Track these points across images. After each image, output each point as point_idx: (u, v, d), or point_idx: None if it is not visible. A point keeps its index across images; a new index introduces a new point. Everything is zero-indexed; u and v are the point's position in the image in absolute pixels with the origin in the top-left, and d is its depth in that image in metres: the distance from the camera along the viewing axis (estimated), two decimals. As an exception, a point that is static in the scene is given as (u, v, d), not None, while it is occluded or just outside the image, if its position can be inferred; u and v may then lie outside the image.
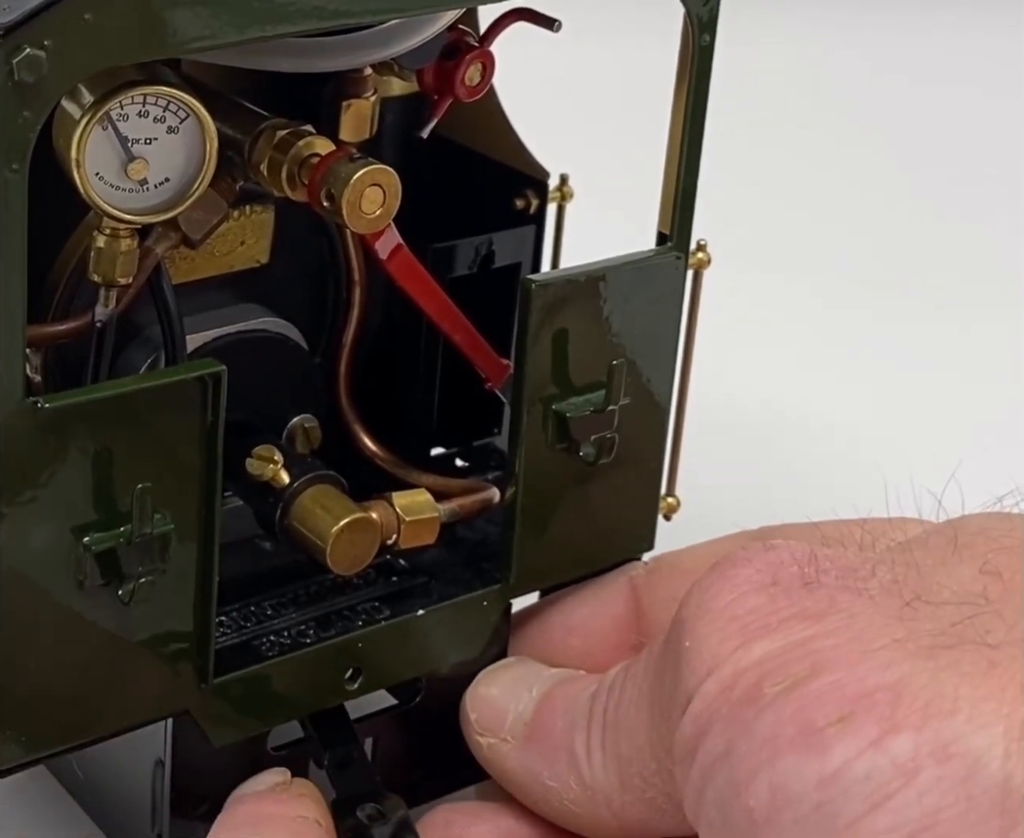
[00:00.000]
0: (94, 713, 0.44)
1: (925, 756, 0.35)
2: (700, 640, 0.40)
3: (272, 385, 0.51)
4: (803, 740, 0.37)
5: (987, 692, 0.36)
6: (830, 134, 1.08)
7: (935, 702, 0.36)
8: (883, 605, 0.39)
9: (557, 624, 0.52)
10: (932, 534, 0.42)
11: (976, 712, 0.35)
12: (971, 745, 0.35)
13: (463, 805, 0.49)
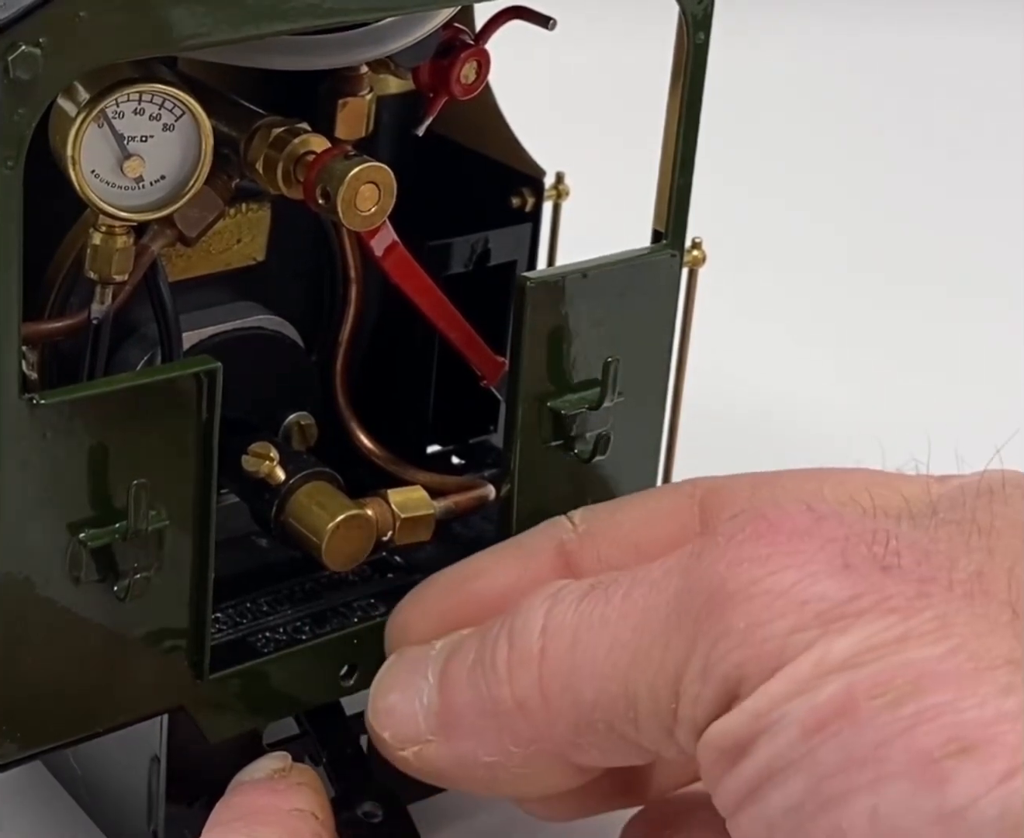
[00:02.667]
0: (90, 709, 0.44)
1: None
2: (761, 625, 0.36)
3: (268, 382, 0.51)
4: (918, 769, 0.34)
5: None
6: (825, 132, 1.08)
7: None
8: (984, 608, 0.36)
9: (478, 601, 0.46)
10: (979, 504, 0.39)
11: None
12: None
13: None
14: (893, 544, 0.37)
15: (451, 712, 0.43)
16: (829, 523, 0.38)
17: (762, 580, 0.37)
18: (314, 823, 0.44)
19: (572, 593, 0.41)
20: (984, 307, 0.88)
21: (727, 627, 0.37)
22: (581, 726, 0.40)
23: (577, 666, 0.40)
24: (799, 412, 0.77)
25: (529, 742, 0.41)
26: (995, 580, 0.36)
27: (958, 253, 0.94)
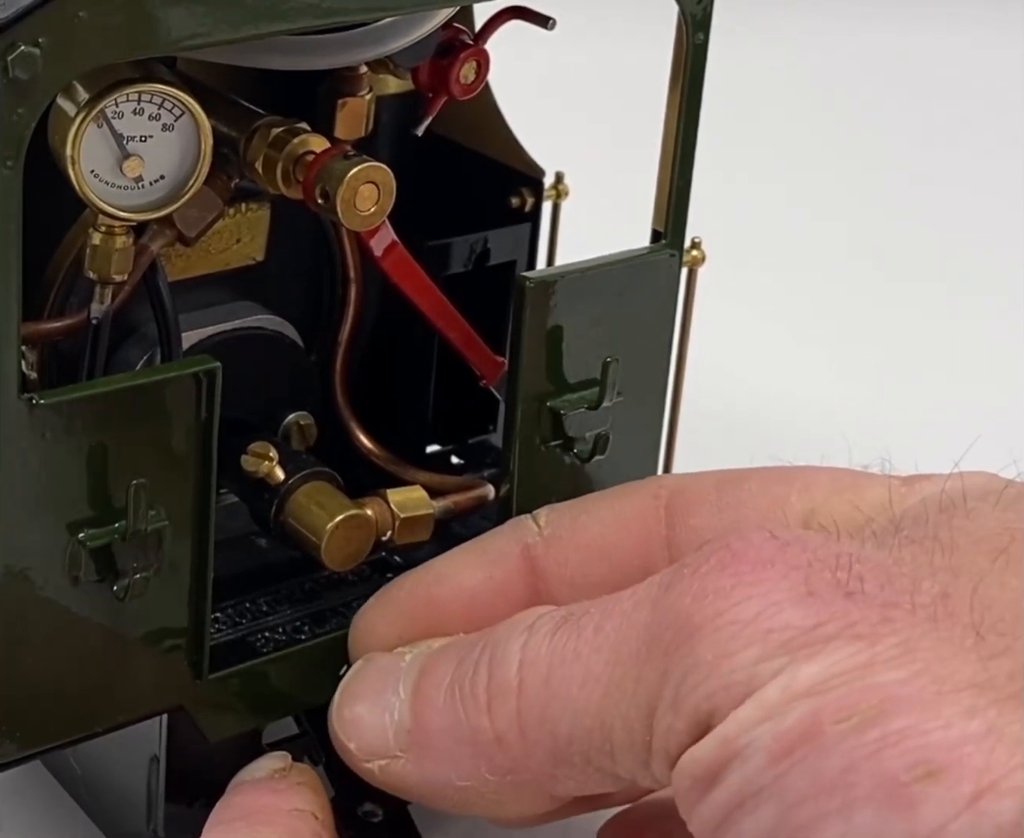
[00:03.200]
0: (89, 709, 0.44)
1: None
2: (728, 656, 0.37)
3: (268, 382, 0.51)
4: (885, 794, 0.34)
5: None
6: (825, 131, 1.08)
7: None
8: (947, 631, 0.35)
9: (442, 603, 0.46)
10: (942, 521, 0.39)
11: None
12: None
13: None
14: (856, 568, 0.37)
15: (424, 733, 0.43)
16: (792, 549, 0.38)
17: (727, 611, 0.37)
18: (314, 823, 0.44)
19: (546, 625, 0.41)
20: (984, 305, 0.88)
21: (696, 659, 0.37)
22: (558, 759, 0.40)
23: (552, 700, 0.40)
24: (798, 411, 0.77)
25: (506, 772, 0.41)
26: (959, 601, 0.36)
27: (958, 252, 0.94)
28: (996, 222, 0.98)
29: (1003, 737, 0.33)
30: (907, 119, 1.11)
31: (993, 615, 0.36)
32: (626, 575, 0.45)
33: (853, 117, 1.11)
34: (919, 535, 0.39)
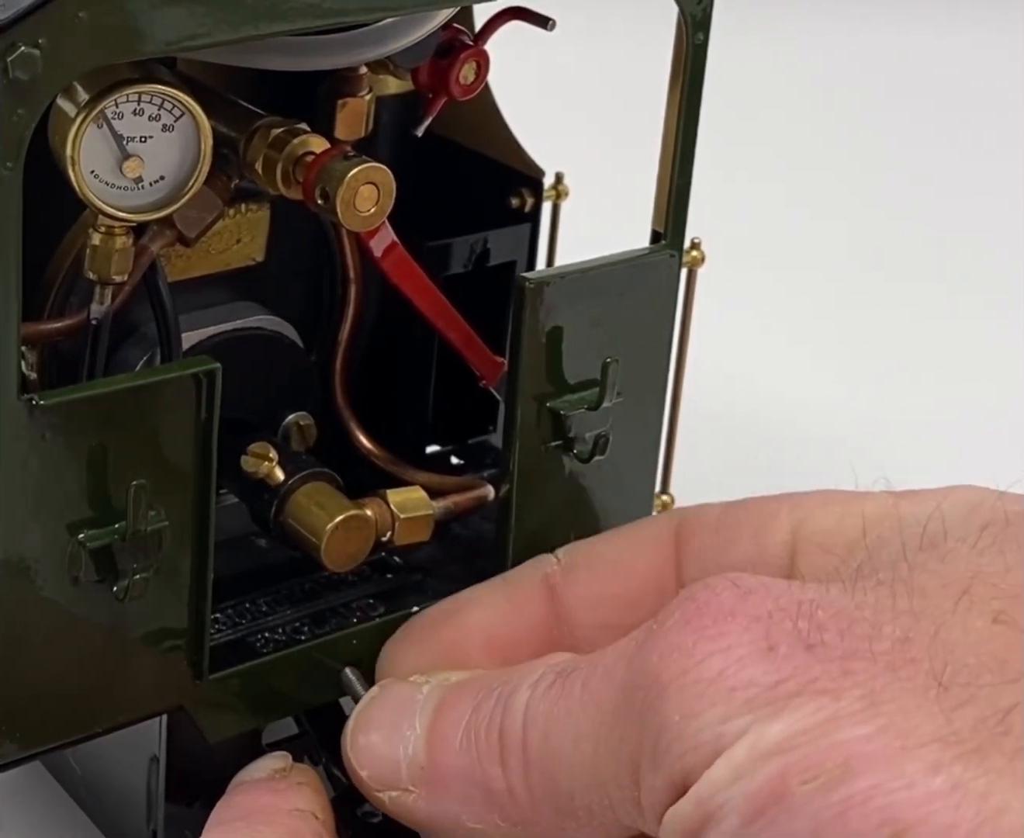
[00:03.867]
0: (89, 709, 0.44)
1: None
2: (695, 717, 0.37)
3: (267, 383, 0.51)
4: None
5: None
6: (825, 131, 1.08)
7: (1001, 816, 0.33)
8: (910, 681, 0.35)
9: (464, 633, 0.47)
10: (915, 561, 0.39)
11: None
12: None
13: None
14: (819, 616, 0.37)
15: (438, 772, 0.43)
16: (754, 598, 0.38)
17: (692, 670, 0.37)
18: (314, 823, 0.44)
19: (547, 680, 0.42)
20: (984, 306, 0.88)
21: (665, 720, 0.37)
22: (564, 813, 0.41)
23: (551, 757, 0.41)
24: (798, 411, 0.77)
25: (516, 823, 0.42)
26: (920, 647, 0.36)
27: (958, 252, 0.94)
28: (996, 222, 0.98)
29: (968, 793, 0.33)
30: (907, 119, 1.11)
31: (956, 661, 0.35)
32: (640, 593, 0.46)
33: (853, 117, 1.11)
34: (888, 577, 0.38)
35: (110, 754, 0.48)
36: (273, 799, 0.45)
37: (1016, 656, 0.35)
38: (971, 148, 1.08)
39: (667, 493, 0.57)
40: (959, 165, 1.05)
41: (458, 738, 0.43)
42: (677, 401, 0.56)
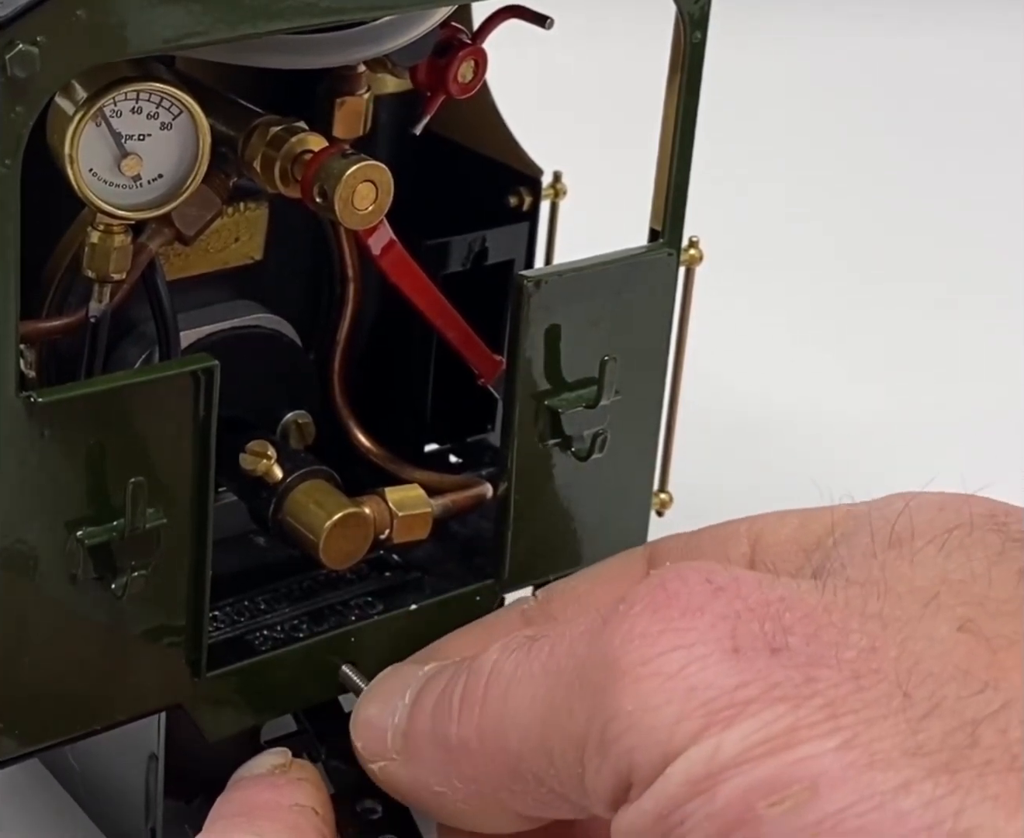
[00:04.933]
0: (88, 707, 0.44)
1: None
2: (649, 711, 0.36)
3: (266, 381, 0.51)
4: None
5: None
6: (823, 130, 1.08)
7: (975, 835, 0.32)
8: (873, 691, 0.35)
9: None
10: (885, 560, 0.38)
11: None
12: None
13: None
14: (786, 618, 0.36)
15: (414, 737, 0.44)
16: (724, 596, 0.37)
17: (652, 661, 0.37)
18: (314, 818, 0.44)
19: (516, 641, 0.42)
20: (984, 306, 0.88)
21: (617, 708, 0.37)
22: (512, 774, 0.41)
23: (507, 715, 0.41)
24: (796, 410, 0.77)
25: (470, 780, 0.42)
26: (885, 656, 0.35)
27: (958, 251, 0.94)
28: (997, 222, 0.98)
29: (940, 813, 0.33)
30: (906, 119, 1.11)
31: (920, 671, 0.35)
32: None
33: (851, 116, 1.11)
34: (861, 576, 0.38)
35: (109, 752, 0.48)
36: (273, 795, 0.45)
37: (979, 667, 0.35)
38: (971, 148, 1.08)
39: (665, 491, 0.57)
40: (959, 165, 1.05)
41: (431, 703, 0.43)
42: (675, 399, 0.56)
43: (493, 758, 0.41)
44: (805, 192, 0.99)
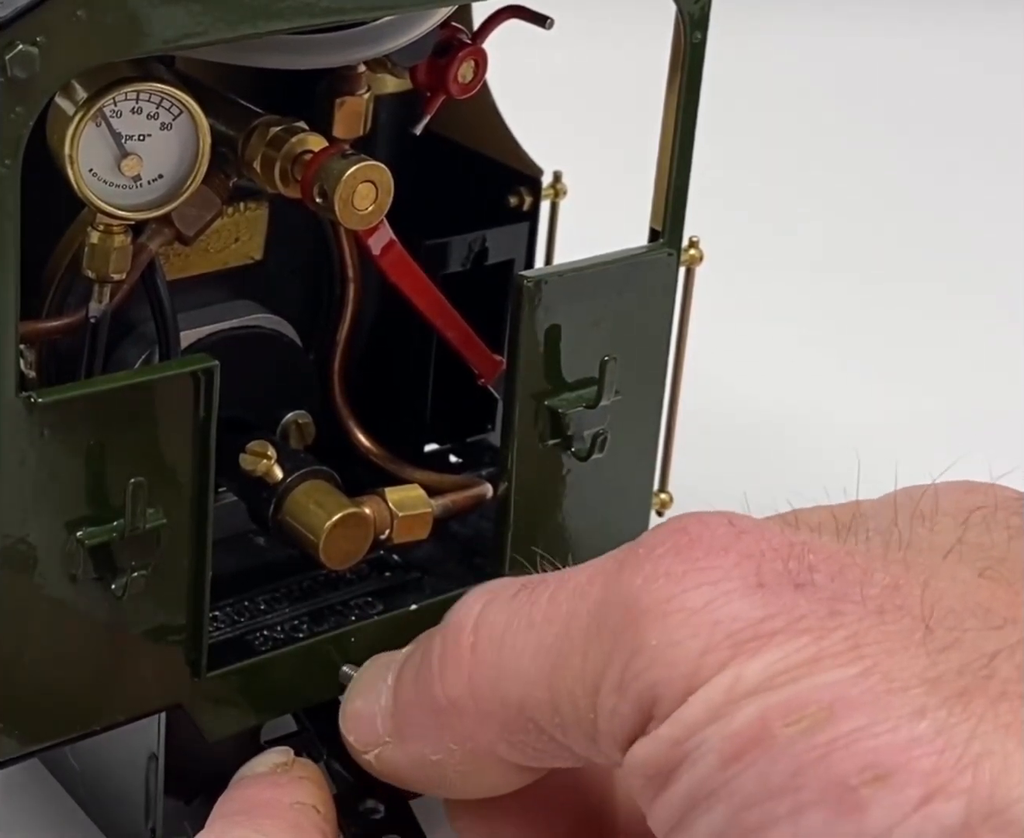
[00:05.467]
0: (88, 707, 0.44)
1: (979, 824, 0.32)
2: (673, 645, 0.36)
3: (266, 381, 0.51)
4: (834, 798, 0.34)
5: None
6: (823, 131, 1.08)
7: (983, 761, 0.33)
8: (896, 624, 0.35)
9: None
10: (907, 525, 0.39)
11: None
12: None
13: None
14: (810, 558, 0.37)
15: (401, 713, 0.43)
16: (748, 538, 0.37)
17: (677, 597, 0.37)
18: (316, 816, 0.44)
19: (505, 592, 0.41)
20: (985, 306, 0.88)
21: (641, 644, 0.37)
22: (511, 726, 0.40)
23: (504, 667, 0.40)
24: (797, 410, 0.77)
25: (465, 739, 0.41)
26: (909, 593, 0.36)
27: (959, 251, 0.94)
28: (998, 222, 0.98)
29: (952, 738, 0.33)
30: (906, 119, 1.11)
31: (943, 607, 0.35)
32: None
33: (851, 116, 1.11)
34: (882, 531, 0.38)
35: (109, 752, 0.48)
36: (274, 793, 0.45)
37: (1000, 605, 0.35)
38: (971, 148, 1.08)
39: (665, 491, 0.57)
40: (959, 165, 1.05)
41: (412, 673, 0.43)
42: (675, 399, 0.56)
43: (488, 712, 0.40)
44: (805, 192, 0.99)
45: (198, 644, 0.45)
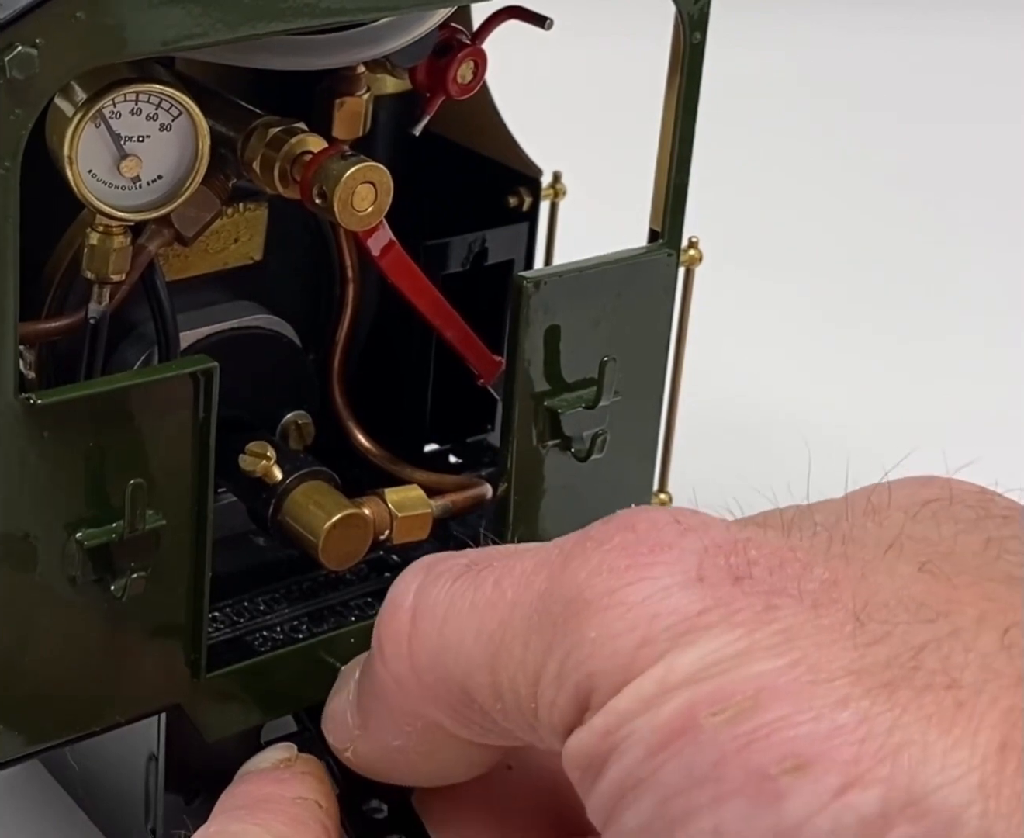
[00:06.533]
0: (87, 708, 0.44)
1: (896, 813, 0.32)
2: (612, 637, 0.36)
3: (265, 381, 0.51)
4: (753, 787, 0.33)
5: (957, 738, 0.32)
6: (821, 132, 1.08)
7: (903, 750, 0.33)
8: (828, 618, 0.35)
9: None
10: (853, 511, 0.39)
11: (949, 762, 0.32)
12: (947, 802, 0.32)
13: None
14: (752, 554, 0.37)
15: (363, 703, 0.43)
16: (692, 535, 0.37)
17: (618, 591, 0.37)
18: (317, 812, 0.44)
19: (448, 570, 0.41)
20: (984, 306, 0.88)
21: (580, 636, 0.37)
22: (454, 702, 0.40)
23: (446, 645, 0.40)
24: (795, 410, 0.77)
25: (414, 717, 0.41)
26: (845, 589, 0.36)
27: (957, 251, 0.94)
28: (996, 222, 0.98)
29: (874, 728, 0.33)
30: (906, 118, 1.11)
31: (876, 602, 0.35)
32: None
33: (851, 116, 1.11)
34: (827, 527, 0.38)
35: (108, 752, 0.48)
36: (277, 788, 0.45)
37: (936, 600, 0.35)
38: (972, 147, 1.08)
39: (665, 492, 0.57)
40: (959, 165, 1.05)
41: (368, 661, 0.43)
42: (675, 399, 0.56)
43: (431, 690, 0.40)
44: (805, 192, 1.00)
45: (198, 644, 0.45)
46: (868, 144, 1.07)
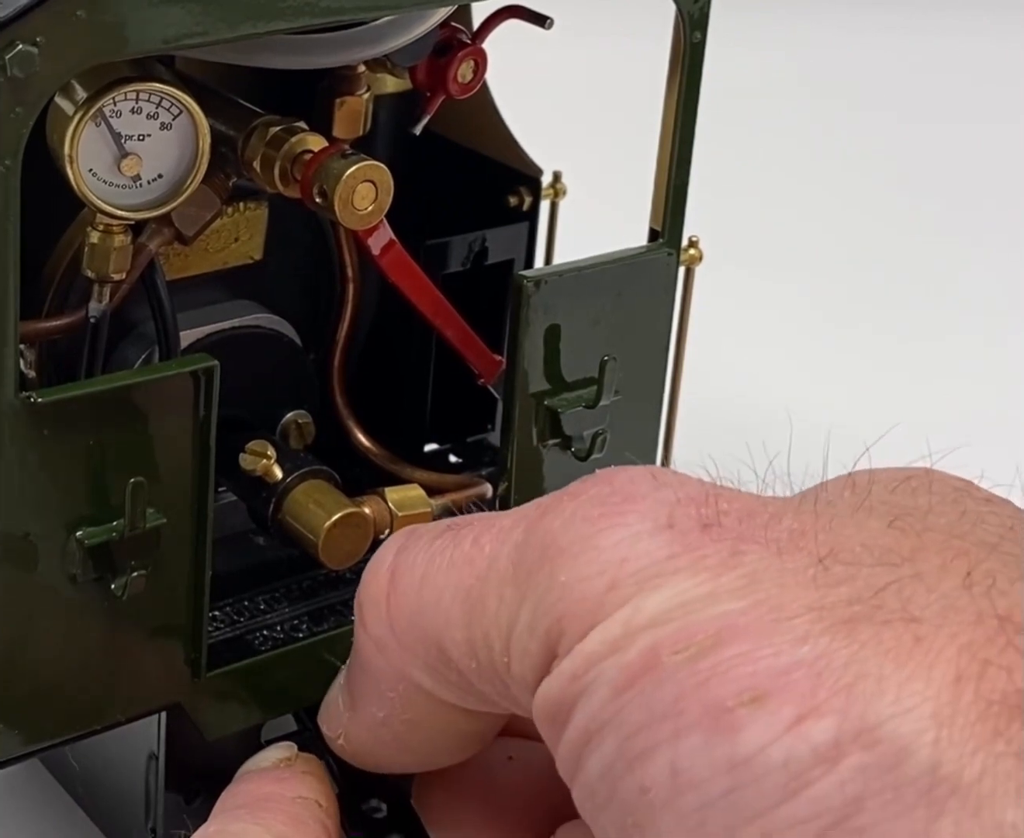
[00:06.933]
0: (87, 707, 0.44)
1: (849, 742, 0.33)
2: (581, 581, 0.37)
3: (266, 381, 0.51)
4: (710, 720, 0.34)
5: (913, 670, 0.33)
6: (821, 131, 1.08)
7: (859, 683, 0.33)
8: (792, 562, 0.35)
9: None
10: (833, 485, 0.39)
11: (903, 694, 0.33)
12: (899, 730, 0.32)
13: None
14: (723, 506, 0.37)
15: (350, 681, 0.43)
16: (667, 489, 0.38)
17: (590, 538, 0.37)
18: (317, 811, 0.44)
19: (427, 532, 0.42)
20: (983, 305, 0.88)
21: (551, 581, 0.37)
22: (431, 660, 0.40)
23: (424, 603, 0.40)
24: (797, 410, 0.77)
25: (396, 681, 0.41)
26: (811, 537, 0.36)
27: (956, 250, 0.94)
28: (996, 222, 0.98)
29: (832, 662, 0.33)
30: (906, 118, 1.11)
31: (843, 547, 0.36)
32: None
33: (851, 116, 1.11)
34: (806, 493, 0.39)
35: (108, 751, 0.48)
36: (277, 787, 0.45)
37: (903, 549, 0.35)
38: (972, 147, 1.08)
39: (665, 491, 0.57)
40: (958, 165, 1.05)
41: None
42: (675, 399, 0.56)
43: (410, 650, 0.40)
44: (805, 192, 1.00)
45: (198, 644, 0.45)
46: (868, 144, 1.07)
